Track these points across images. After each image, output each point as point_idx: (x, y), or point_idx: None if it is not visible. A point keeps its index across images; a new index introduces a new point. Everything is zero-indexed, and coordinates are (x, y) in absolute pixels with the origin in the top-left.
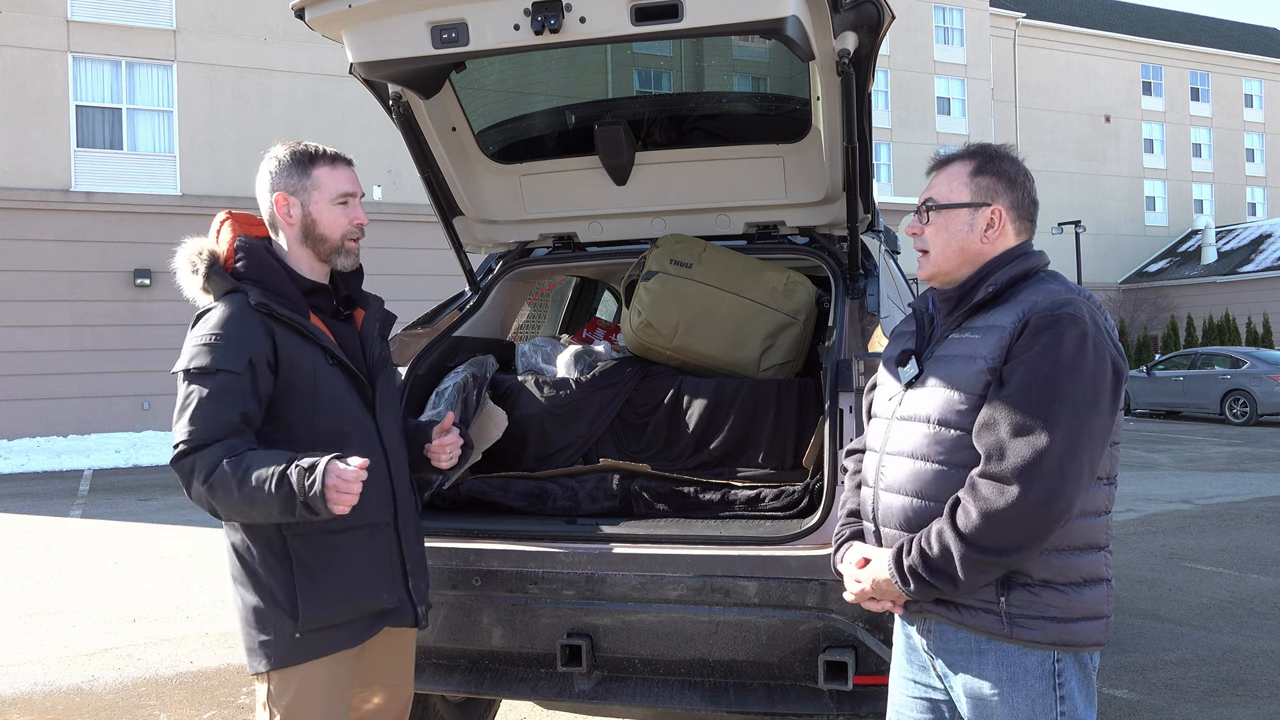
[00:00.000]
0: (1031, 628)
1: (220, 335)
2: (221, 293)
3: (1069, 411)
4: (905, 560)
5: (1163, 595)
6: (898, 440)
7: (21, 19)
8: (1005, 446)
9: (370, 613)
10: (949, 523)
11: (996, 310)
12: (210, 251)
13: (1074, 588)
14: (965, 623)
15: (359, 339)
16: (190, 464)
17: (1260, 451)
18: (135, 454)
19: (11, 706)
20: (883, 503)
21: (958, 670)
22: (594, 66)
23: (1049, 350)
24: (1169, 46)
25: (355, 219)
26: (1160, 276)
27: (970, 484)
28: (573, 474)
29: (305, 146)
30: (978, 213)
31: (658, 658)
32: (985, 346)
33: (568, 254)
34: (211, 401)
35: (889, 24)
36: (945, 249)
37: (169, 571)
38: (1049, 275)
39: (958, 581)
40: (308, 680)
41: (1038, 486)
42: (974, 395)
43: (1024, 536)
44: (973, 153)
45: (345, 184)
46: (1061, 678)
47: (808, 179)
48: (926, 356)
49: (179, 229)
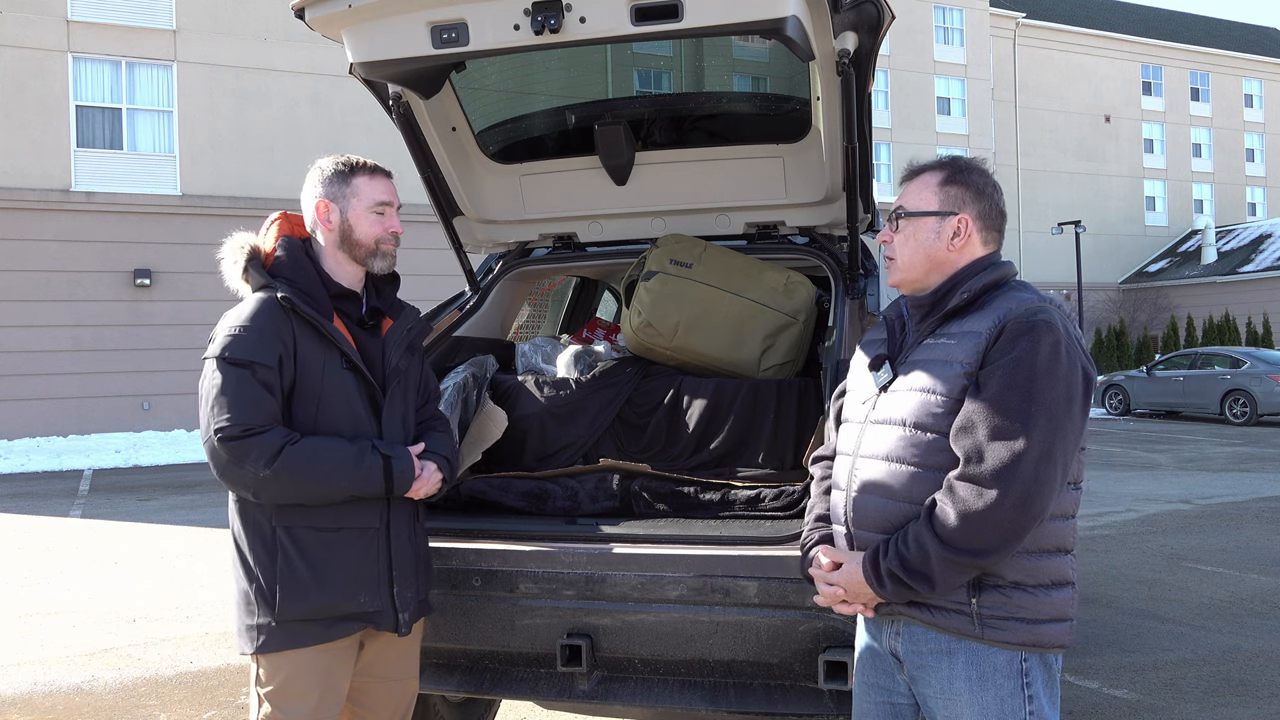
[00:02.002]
0: (1002, 628)
1: (251, 329)
2: (257, 286)
3: (1045, 416)
4: (883, 563)
5: (1163, 595)
6: (872, 444)
7: (21, 19)
8: (984, 449)
9: (346, 613)
10: (926, 525)
11: (970, 317)
12: (253, 246)
13: (1043, 589)
14: (936, 623)
15: (381, 347)
16: (246, 447)
17: (1260, 451)
18: (135, 454)
19: (11, 706)
20: (856, 506)
21: (927, 670)
22: (594, 66)
23: (1026, 356)
24: (1169, 46)
25: (390, 227)
26: (1160, 276)
27: (948, 486)
28: (573, 474)
29: (349, 158)
30: (945, 221)
31: (658, 658)
32: (961, 351)
33: (568, 254)
34: (252, 390)
35: (889, 24)
36: (913, 256)
37: (169, 571)
38: (1019, 284)
39: (934, 583)
40: (296, 669)
41: (1015, 489)
42: (950, 399)
43: (1000, 538)
44: (943, 163)
45: (382, 194)
46: (1029, 677)
47: (808, 179)
48: (900, 362)
49: (179, 229)
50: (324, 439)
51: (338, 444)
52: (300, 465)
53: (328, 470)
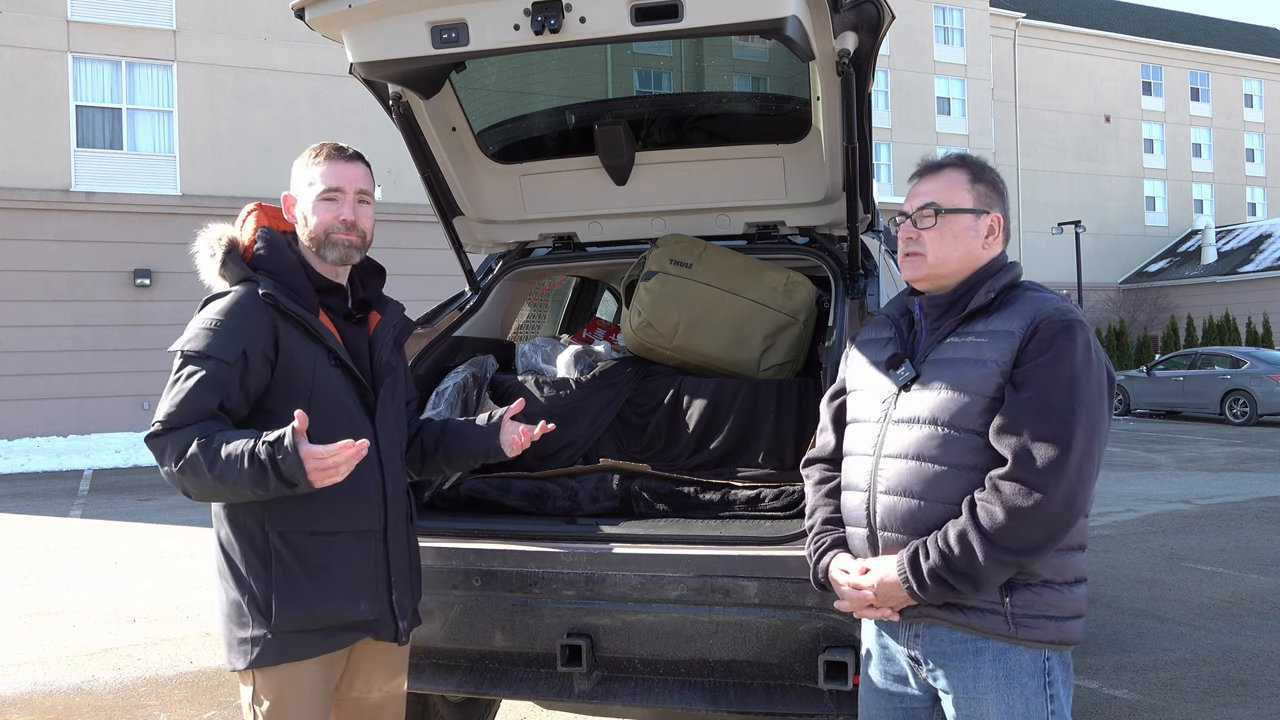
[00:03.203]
0: (1034, 627)
1: (221, 322)
2: (236, 280)
3: (1085, 415)
4: (924, 563)
5: (1163, 595)
6: (896, 443)
7: (21, 19)
8: (1030, 448)
9: (347, 622)
10: (971, 525)
11: (995, 316)
12: (231, 239)
13: (1068, 586)
14: (970, 624)
15: (369, 343)
16: (163, 444)
17: (1260, 451)
18: (135, 454)
19: (11, 706)
20: (882, 506)
21: (951, 670)
22: (594, 66)
23: (1064, 355)
24: (1169, 46)
25: (340, 214)
26: (1160, 276)
27: (993, 485)
28: (573, 474)
29: (319, 145)
30: (980, 219)
31: (658, 658)
32: (994, 350)
33: (568, 254)
34: (197, 386)
35: (889, 24)
36: (948, 253)
37: (169, 571)
38: (1033, 284)
39: (979, 582)
40: (291, 684)
41: (1063, 487)
42: (985, 398)
43: (1046, 536)
44: (964, 161)
45: (333, 179)
46: (1050, 676)
47: (808, 179)
48: (920, 360)
49: (179, 229)
50: (231, 433)
51: (239, 438)
52: (200, 464)
53: (222, 468)
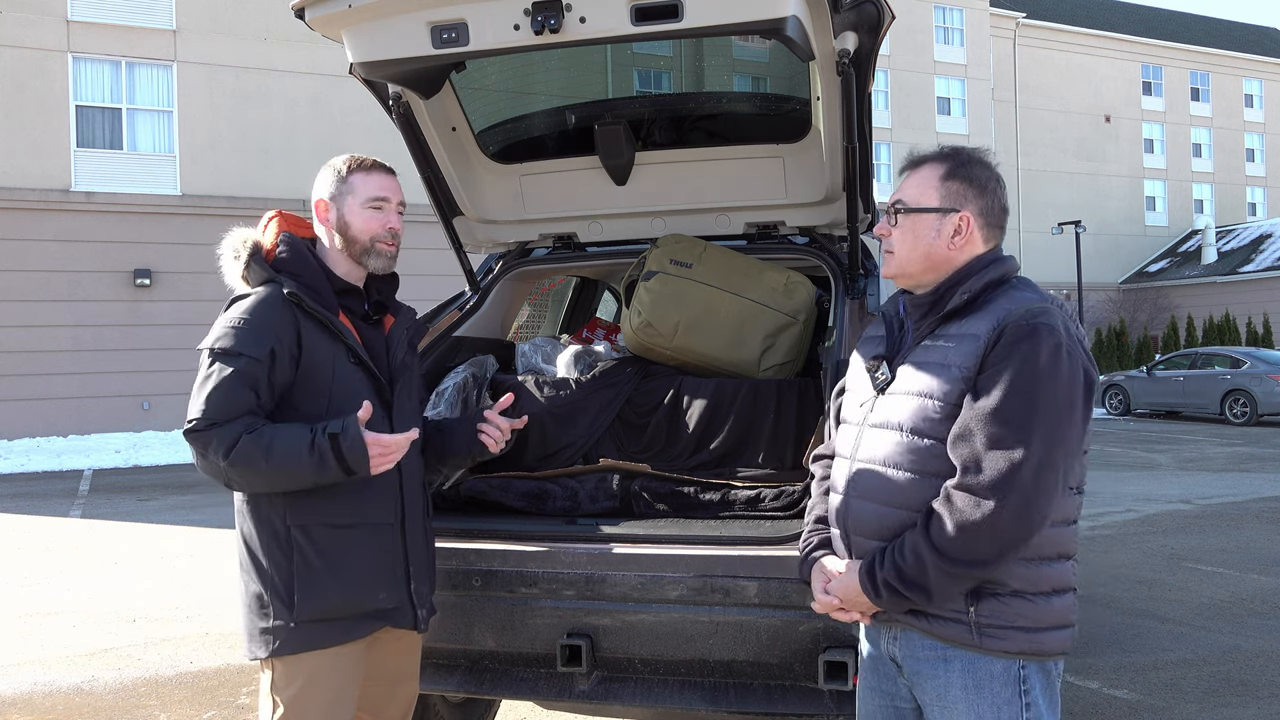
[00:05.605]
0: (1000, 637)
1: (249, 321)
2: (259, 281)
3: (1044, 424)
4: (879, 573)
5: (1163, 595)
6: (869, 448)
7: (21, 19)
8: (981, 459)
9: (367, 611)
10: (923, 535)
11: (970, 318)
12: (255, 242)
13: (1043, 597)
14: (934, 632)
15: (385, 343)
16: (207, 438)
17: (1260, 451)
18: (135, 454)
19: (11, 706)
20: (854, 510)
21: (924, 677)
22: (594, 66)
23: (1026, 362)
24: (1169, 46)
25: (387, 223)
26: (1160, 276)
27: (945, 496)
28: (573, 474)
29: (351, 157)
30: (945, 219)
31: (658, 658)
32: (959, 355)
33: (568, 254)
34: (231, 382)
35: (889, 24)
36: (911, 252)
37: (169, 571)
38: (1021, 282)
39: (931, 594)
40: (313, 672)
41: (1013, 499)
42: (948, 404)
43: (998, 549)
44: (945, 155)
45: (378, 189)
46: (1027, 684)
47: (808, 179)
48: (898, 362)
49: (179, 229)
50: (282, 426)
51: (293, 430)
52: (256, 455)
53: (281, 458)
